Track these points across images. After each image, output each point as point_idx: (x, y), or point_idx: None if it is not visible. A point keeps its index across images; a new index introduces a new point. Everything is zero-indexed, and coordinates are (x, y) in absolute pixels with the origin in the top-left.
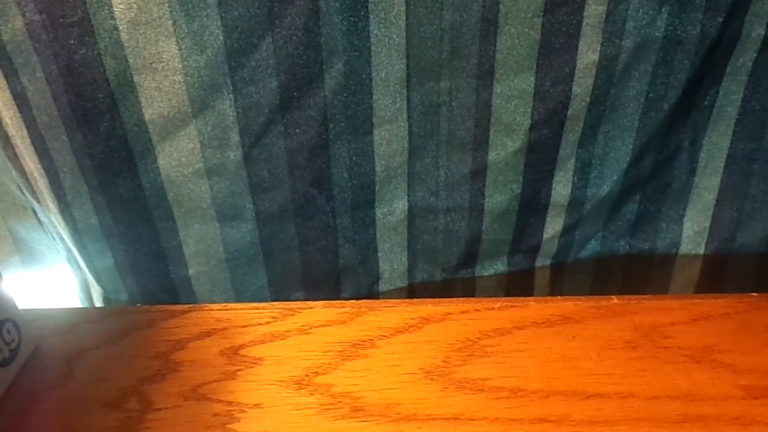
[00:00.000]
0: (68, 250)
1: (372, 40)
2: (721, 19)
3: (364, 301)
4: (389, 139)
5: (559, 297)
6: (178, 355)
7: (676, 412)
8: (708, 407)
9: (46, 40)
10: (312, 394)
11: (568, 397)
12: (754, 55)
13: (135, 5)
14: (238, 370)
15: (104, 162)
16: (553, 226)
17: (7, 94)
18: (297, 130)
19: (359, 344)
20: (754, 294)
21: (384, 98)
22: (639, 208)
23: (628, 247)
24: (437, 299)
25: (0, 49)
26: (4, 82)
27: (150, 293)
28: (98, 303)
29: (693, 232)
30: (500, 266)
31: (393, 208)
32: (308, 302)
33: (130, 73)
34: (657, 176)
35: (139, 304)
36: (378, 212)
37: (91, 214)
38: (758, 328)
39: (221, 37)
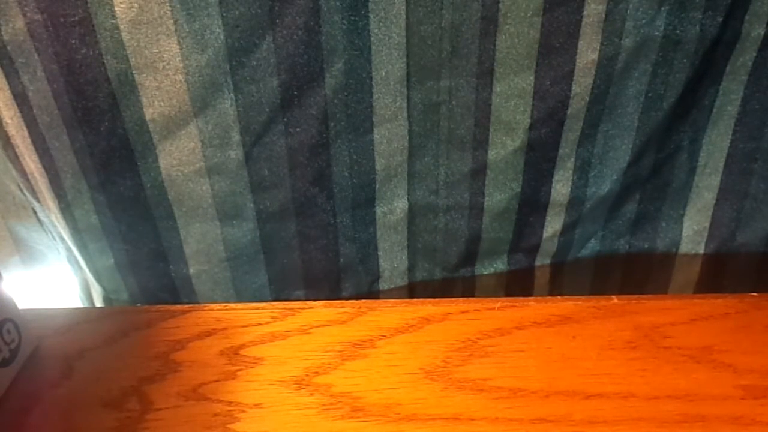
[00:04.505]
0: (68, 249)
1: (372, 39)
2: (720, 19)
3: (364, 301)
4: (389, 138)
5: (559, 297)
6: (178, 355)
7: (676, 412)
8: (708, 407)
9: (47, 39)
10: (312, 394)
11: (568, 397)
12: (754, 54)
13: (136, 4)
14: (238, 370)
15: (105, 161)
16: (553, 225)
17: (8, 94)
18: (298, 129)
19: (359, 344)
20: (754, 294)
21: (384, 97)
22: (639, 207)
23: (627, 246)
24: (437, 299)
25: (1, 49)
26: (5, 81)
27: (151, 293)
28: (98, 303)
29: (693, 231)
30: (500, 265)
31: (393, 207)
32: (308, 302)
33: (131, 73)
34: (657, 175)
35: (139, 304)
36: (378, 211)
37: (92, 214)
38: (758, 328)
39: (222, 36)
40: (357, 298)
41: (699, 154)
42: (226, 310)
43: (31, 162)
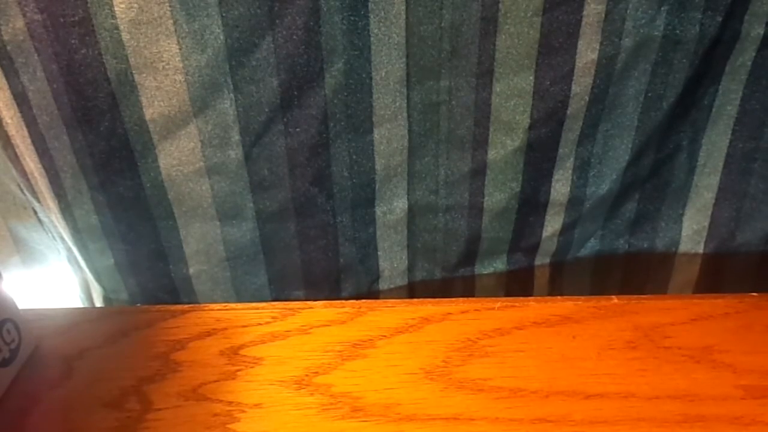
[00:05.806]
0: (68, 249)
1: (372, 39)
2: (720, 19)
3: (364, 301)
4: (389, 138)
5: (559, 297)
6: (178, 355)
7: (676, 412)
8: (708, 407)
9: (46, 39)
10: (312, 394)
11: (568, 397)
12: (753, 54)
13: (136, 5)
14: (238, 370)
15: (105, 161)
16: (553, 224)
17: (8, 94)
18: (297, 129)
19: (359, 344)
20: (754, 294)
21: (384, 97)
22: (638, 206)
23: (627, 245)
24: (437, 299)
25: (1, 49)
26: (5, 81)
27: (150, 293)
28: (98, 303)
29: (692, 231)
30: (500, 265)
31: (393, 207)
32: (308, 302)
33: (131, 73)
34: (656, 175)
35: (139, 304)
36: (378, 211)
37: (92, 214)
38: (758, 328)
39: (222, 37)
40: (357, 298)
41: (698, 153)
42: (226, 310)
43: (31, 162)
